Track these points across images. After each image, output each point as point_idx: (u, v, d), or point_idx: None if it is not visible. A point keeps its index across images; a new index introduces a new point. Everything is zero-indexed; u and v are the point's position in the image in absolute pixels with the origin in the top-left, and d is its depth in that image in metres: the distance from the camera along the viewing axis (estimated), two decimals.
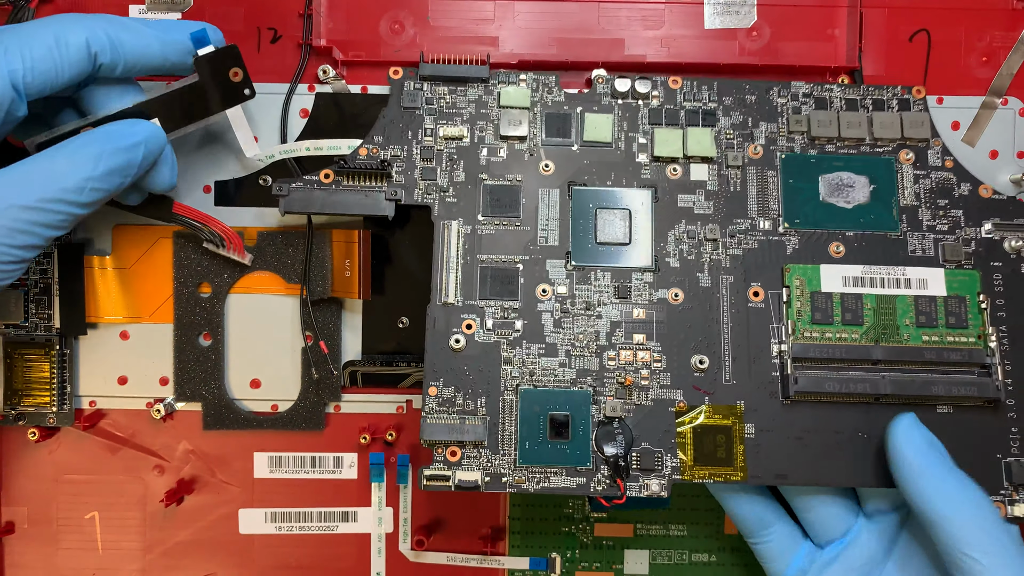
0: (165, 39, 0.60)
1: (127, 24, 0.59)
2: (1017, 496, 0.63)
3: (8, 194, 0.54)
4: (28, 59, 0.54)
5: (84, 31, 0.56)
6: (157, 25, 0.61)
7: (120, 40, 0.58)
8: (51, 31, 0.55)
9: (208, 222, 0.66)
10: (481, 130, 0.67)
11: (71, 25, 0.56)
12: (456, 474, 0.62)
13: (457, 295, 0.65)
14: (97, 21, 0.58)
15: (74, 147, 0.57)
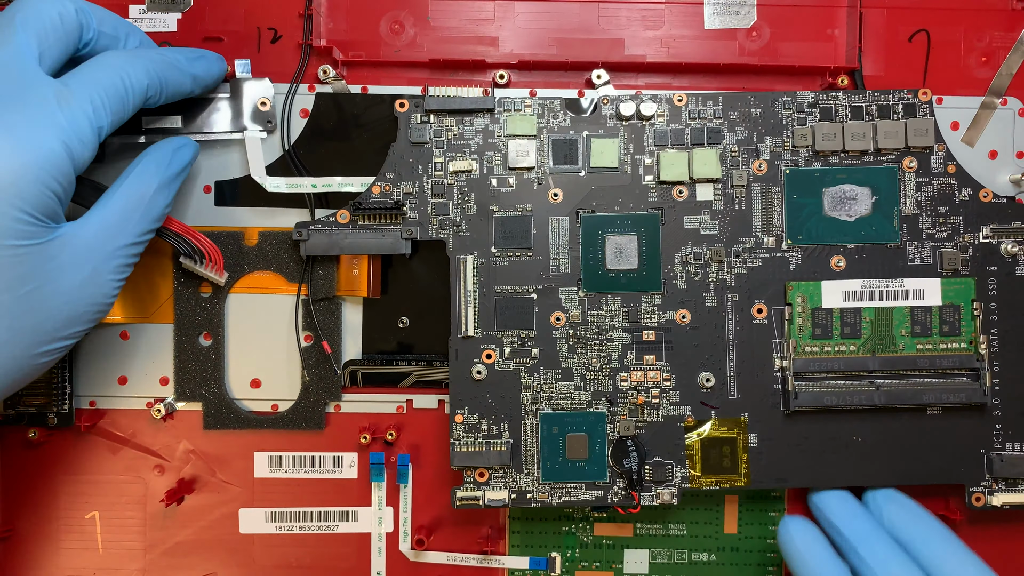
0: (196, 76, 0.64)
1: (170, 61, 0.62)
2: (996, 488, 0.68)
3: (116, 237, 0.58)
4: (107, 111, 0.56)
5: (145, 76, 0.59)
6: (191, 60, 0.64)
7: (166, 79, 0.61)
8: (119, 76, 0.57)
9: (194, 237, 0.66)
10: (489, 161, 0.68)
11: (133, 68, 0.58)
12: (485, 494, 0.67)
13: (476, 328, 0.68)
14: (151, 62, 0.60)
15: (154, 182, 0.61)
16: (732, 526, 0.72)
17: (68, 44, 0.57)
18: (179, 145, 0.63)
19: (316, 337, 0.70)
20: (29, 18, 0.55)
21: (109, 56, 0.58)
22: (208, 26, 0.70)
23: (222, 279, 0.68)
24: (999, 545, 0.72)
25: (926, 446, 0.68)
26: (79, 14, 0.58)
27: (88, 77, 0.56)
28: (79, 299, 0.56)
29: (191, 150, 0.64)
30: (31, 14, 0.55)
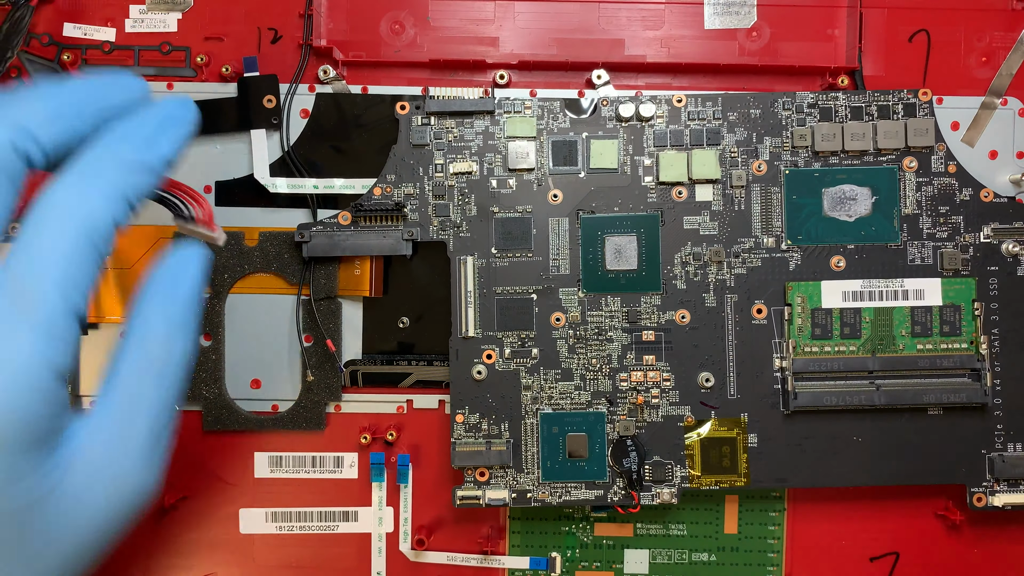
0: (171, 156, 0.49)
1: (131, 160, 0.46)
2: (998, 488, 0.68)
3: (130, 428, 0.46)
4: (79, 284, 0.42)
5: (104, 205, 0.44)
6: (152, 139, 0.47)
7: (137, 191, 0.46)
8: (76, 233, 0.43)
9: (176, 189, 0.62)
10: (490, 162, 0.68)
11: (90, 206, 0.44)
12: (486, 493, 0.68)
13: (476, 328, 0.68)
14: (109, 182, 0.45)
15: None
16: (732, 526, 0.72)
17: (11, 191, 0.44)
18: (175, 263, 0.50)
19: (316, 337, 0.70)
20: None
21: (51, 198, 0.44)
22: (208, 26, 0.70)
23: (217, 235, 0.60)
24: (1000, 546, 0.72)
25: (926, 446, 0.68)
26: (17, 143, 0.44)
27: (40, 252, 0.43)
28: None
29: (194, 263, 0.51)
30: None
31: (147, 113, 0.48)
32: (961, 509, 0.71)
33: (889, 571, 0.72)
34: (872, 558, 0.72)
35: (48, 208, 0.44)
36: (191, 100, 0.51)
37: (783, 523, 0.72)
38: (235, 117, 0.69)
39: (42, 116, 0.45)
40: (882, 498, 0.72)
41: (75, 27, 0.69)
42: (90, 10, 0.70)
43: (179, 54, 0.69)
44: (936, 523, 0.72)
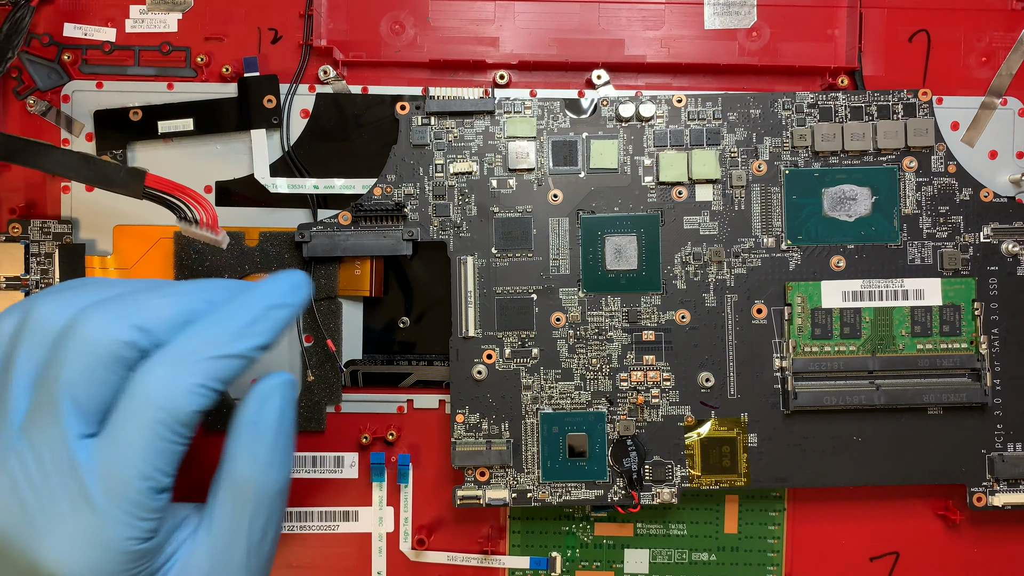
0: (265, 345, 0.52)
1: (225, 353, 0.49)
2: (998, 488, 0.68)
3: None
4: (162, 469, 0.48)
5: (191, 400, 0.48)
6: (250, 326, 0.50)
7: (224, 380, 0.50)
8: (161, 423, 0.47)
9: (180, 192, 0.63)
10: (490, 162, 0.68)
11: (179, 396, 0.48)
12: (486, 493, 0.68)
13: (476, 328, 0.68)
14: (203, 373, 0.48)
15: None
16: (732, 526, 0.72)
17: (117, 383, 0.48)
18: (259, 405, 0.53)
19: (316, 337, 0.70)
20: (76, 387, 0.47)
21: (145, 390, 0.47)
22: (208, 26, 0.70)
23: (220, 238, 0.65)
24: (1000, 546, 0.72)
25: (926, 446, 0.68)
26: (116, 340, 0.48)
27: (129, 443, 0.47)
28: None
29: (276, 401, 0.53)
30: (74, 375, 0.47)
31: (254, 296, 0.52)
32: (961, 509, 0.70)
33: (889, 571, 0.72)
34: (872, 558, 0.72)
35: (136, 400, 0.47)
36: (305, 278, 0.54)
37: (783, 523, 0.72)
38: (235, 117, 0.69)
39: (168, 321, 0.49)
40: (882, 498, 0.72)
41: (75, 27, 0.69)
42: (90, 10, 0.70)
43: (179, 54, 0.69)
44: (936, 523, 0.72)
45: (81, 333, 0.47)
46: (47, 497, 0.46)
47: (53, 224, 0.69)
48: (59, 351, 0.47)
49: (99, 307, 0.48)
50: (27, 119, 0.69)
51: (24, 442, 0.47)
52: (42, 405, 0.47)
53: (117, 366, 0.48)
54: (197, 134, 0.69)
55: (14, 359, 0.49)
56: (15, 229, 0.68)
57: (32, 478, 0.47)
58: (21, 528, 0.46)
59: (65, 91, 0.69)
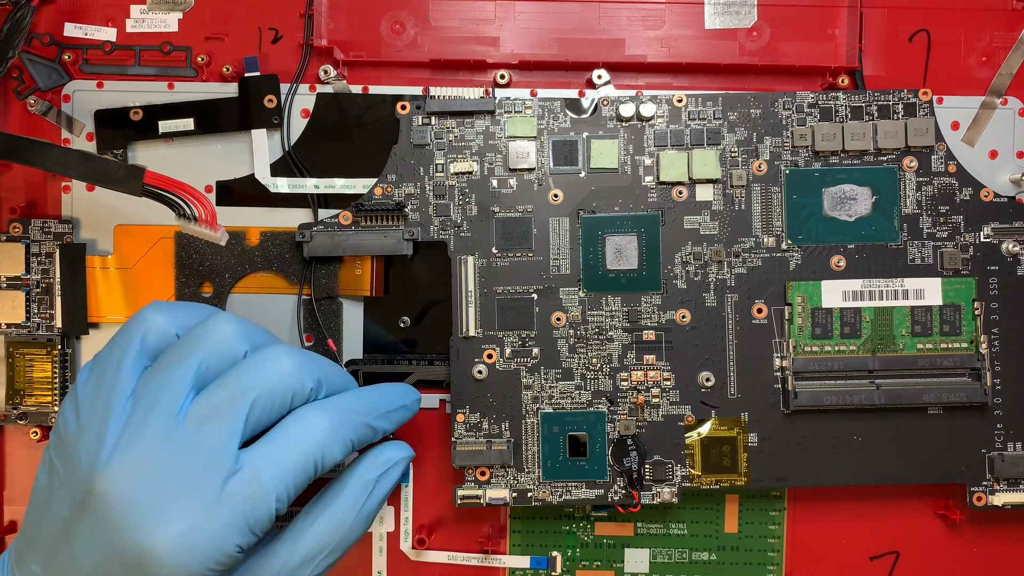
0: (387, 431, 0.60)
1: (371, 422, 0.58)
2: (998, 487, 0.68)
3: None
4: (290, 498, 0.53)
5: (341, 451, 0.55)
6: (388, 414, 0.60)
7: (359, 444, 0.58)
8: (314, 457, 0.54)
9: (179, 189, 0.63)
10: (490, 162, 0.68)
11: (332, 445, 0.55)
12: (486, 492, 0.68)
13: (477, 328, 0.68)
14: (352, 430, 0.56)
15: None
16: (732, 525, 0.72)
17: (277, 415, 0.54)
18: (384, 471, 0.60)
19: (317, 337, 0.70)
20: (259, 399, 0.52)
21: (312, 425, 0.54)
22: (209, 26, 0.70)
23: (219, 235, 0.65)
24: (1000, 545, 0.72)
25: (926, 446, 0.68)
26: (303, 380, 0.55)
27: (283, 464, 0.52)
28: None
29: (398, 473, 0.61)
30: (264, 390, 0.52)
31: (393, 393, 0.61)
32: (961, 508, 0.71)
33: (889, 570, 0.72)
34: (872, 557, 0.72)
35: (301, 432, 0.54)
36: (420, 397, 0.64)
37: (783, 522, 0.72)
38: (236, 117, 0.69)
39: (336, 385, 0.58)
40: (882, 497, 0.72)
41: (76, 27, 0.69)
42: (91, 10, 0.70)
43: (180, 54, 0.70)
44: (936, 522, 0.72)
45: (279, 364, 0.53)
46: (186, 484, 0.50)
47: (54, 224, 0.69)
48: (253, 369, 0.53)
49: (293, 352, 0.55)
50: (28, 119, 0.70)
51: (184, 430, 0.51)
52: (219, 405, 0.51)
53: (290, 401, 0.54)
54: (198, 134, 0.69)
55: (191, 354, 0.53)
56: (16, 229, 0.68)
57: (178, 463, 0.50)
58: (145, 506, 0.49)
59: (66, 91, 0.69)
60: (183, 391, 0.51)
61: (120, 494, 0.49)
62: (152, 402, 0.51)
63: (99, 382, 0.53)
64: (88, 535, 0.49)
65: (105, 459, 0.50)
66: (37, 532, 0.52)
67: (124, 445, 0.50)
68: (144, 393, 0.52)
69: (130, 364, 0.53)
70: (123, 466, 0.49)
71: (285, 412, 0.54)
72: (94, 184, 0.63)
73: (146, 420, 0.50)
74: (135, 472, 0.49)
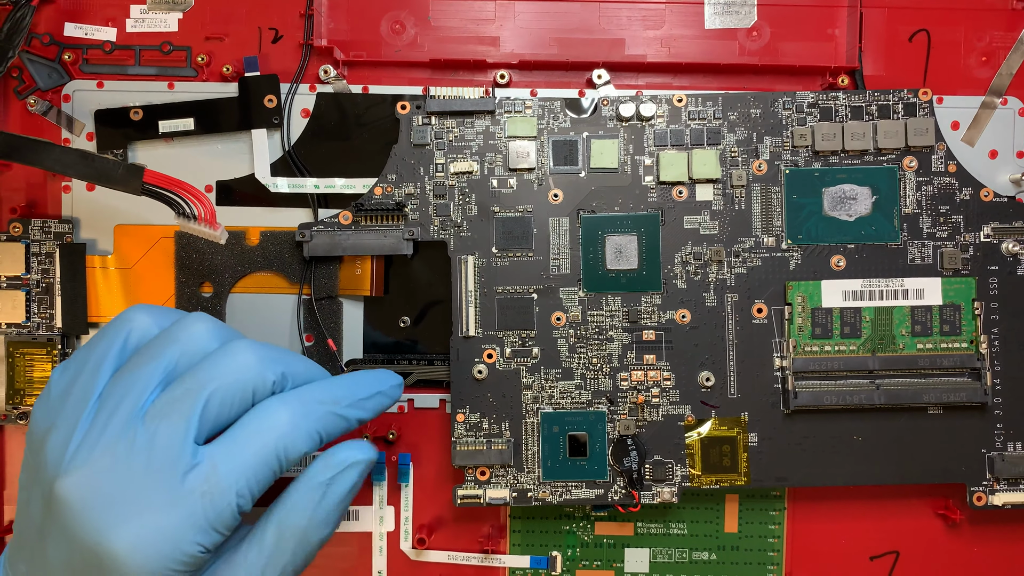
0: (363, 420, 0.58)
1: (340, 411, 0.56)
2: (998, 487, 0.68)
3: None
4: (255, 494, 0.52)
5: (306, 443, 0.53)
6: (362, 401, 0.57)
7: (328, 435, 0.55)
8: (276, 451, 0.52)
9: (178, 188, 0.62)
10: (490, 162, 0.68)
11: (295, 437, 0.53)
12: (486, 492, 0.68)
13: (477, 328, 0.68)
14: (317, 420, 0.54)
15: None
16: (732, 525, 0.72)
17: (239, 411, 0.52)
18: (333, 474, 0.56)
19: (317, 337, 0.70)
20: (215, 393, 0.51)
21: (272, 416, 0.52)
22: (209, 26, 0.70)
23: (219, 234, 0.65)
24: (1000, 545, 0.72)
25: (926, 446, 0.68)
26: (264, 374, 0.53)
27: (242, 457, 0.51)
28: None
29: (351, 477, 0.57)
30: (220, 383, 0.51)
31: (367, 379, 0.58)
32: (961, 508, 0.71)
33: (889, 570, 0.72)
34: (872, 557, 0.72)
35: (261, 425, 0.52)
36: (402, 381, 0.60)
37: (783, 522, 0.72)
38: (236, 117, 0.69)
39: (301, 376, 0.56)
40: (882, 497, 0.72)
41: (76, 27, 0.69)
42: (91, 10, 0.70)
43: (180, 54, 0.70)
44: (936, 522, 0.72)
45: (237, 358, 0.52)
46: (143, 483, 0.49)
47: (54, 224, 0.69)
48: (211, 364, 0.51)
49: (255, 346, 0.53)
50: (28, 119, 0.70)
51: (143, 427, 0.50)
52: (174, 401, 0.50)
53: (251, 396, 0.52)
54: (198, 134, 0.69)
55: (162, 353, 0.52)
56: (16, 229, 0.68)
57: (135, 462, 0.49)
58: (104, 507, 0.48)
59: (66, 91, 0.69)
60: (148, 390, 0.51)
61: (79, 496, 0.48)
62: (117, 402, 0.51)
63: (73, 380, 0.53)
64: (56, 535, 0.49)
65: (68, 460, 0.49)
66: (21, 530, 0.53)
67: (86, 446, 0.50)
68: (111, 393, 0.51)
69: (107, 363, 0.53)
70: (83, 467, 0.49)
71: (248, 407, 0.53)
72: (94, 183, 0.63)
73: (109, 420, 0.50)
74: (94, 473, 0.49)
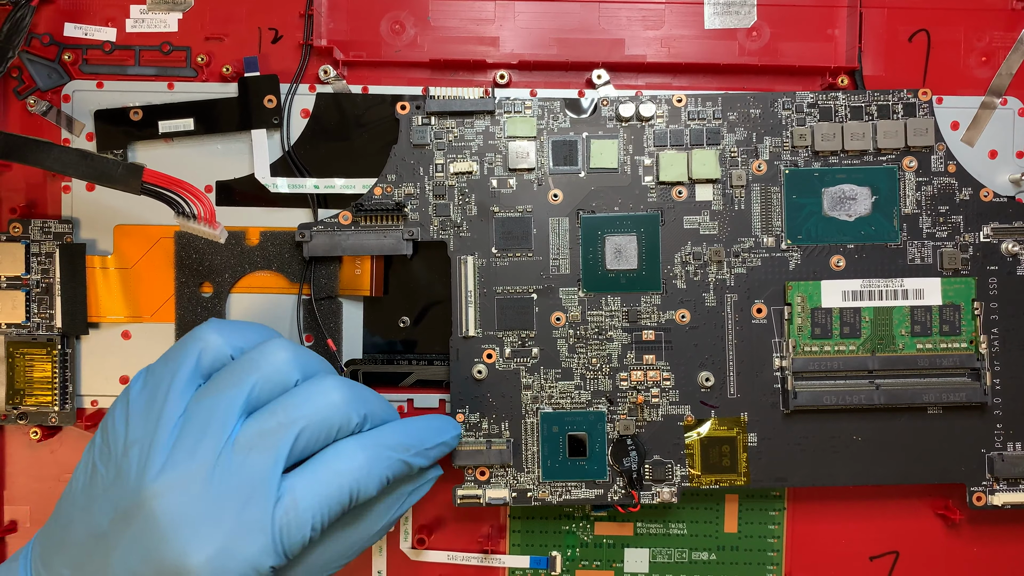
0: (423, 467, 0.61)
1: (408, 458, 0.58)
2: (997, 487, 0.68)
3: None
4: (323, 526, 0.54)
5: (377, 486, 0.56)
6: (427, 451, 0.60)
7: (394, 478, 0.58)
8: (350, 489, 0.54)
9: (178, 187, 0.62)
10: (490, 162, 0.68)
11: (369, 479, 0.55)
12: (486, 492, 0.68)
13: (476, 328, 0.68)
14: (389, 465, 0.57)
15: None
16: (732, 525, 0.72)
17: (321, 446, 0.55)
18: (416, 487, 0.62)
19: (317, 337, 0.70)
20: (306, 430, 0.53)
21: (352, 459, 0.54)
22: (209, 26, 0.70)
23: (218, 233, 0.65)
24: (1000, 545, 0.72)
25: (926, 446, 0.68)
26: (350, 415, 0.55)
27: (320, 492, 0.53)
28: None
29: (428, 487, 0.63)
30: (311, 421, 0.53)
31: (433, 429, 0.61)
32: (961, 508, 0.71)
33: (889, 570, 0.72)
34: (872, 557, 0.72)
35: (341, 465, 0.54)
36: (460, 430, 0.65)
37: (783, 522, 0.72)
38: (236, 117, 0.69)
39: (380, 418, 0.58)
40: (882, 497, 0.72)
41: (76, 27, 0.70)
42: (91, 10, 0.70)
43: (180, 54, 0.70)
44: (936, 522, 0.72)
45: (328, 397, 0.54)
46: (230, 508, 0.51)
47: (54, 224, 0.69)
48: (303, 400, 0.54)
49: (343, 385, 0.55)
50: (28, 119, 0.70)
51: (233, 455, 0.51)
52: (267, 434, 0.52)
53: (335, 434, 0.55)
54: (197, 134, 0.69)
55: (244, 379, 0.54)
56: (16, 229, 0.68)
57: (225, 488, 0.51)
58: (189, 525, 0.50)
59: (66, 91, 0.69)
60: (233, 416, 0.52)
61: (167, 511, 0.50)
62: (204, 424, 0.52)
63: (152, 396, 0.53)
64: (128, 546, 0.50)
65: (154, 475, 0.50)
66: (68, 534, 0.53)
67: (174, 464, 0.51)
68: (196, 414, 0.52)
69: (183, 382, 0.54)
70: (172, 484, 0.50)
71: (329, 442, 0.55)
72: (94, 183, 0.63)
73: (198, 442, 0.51)
74: (183, 491, 0.50)
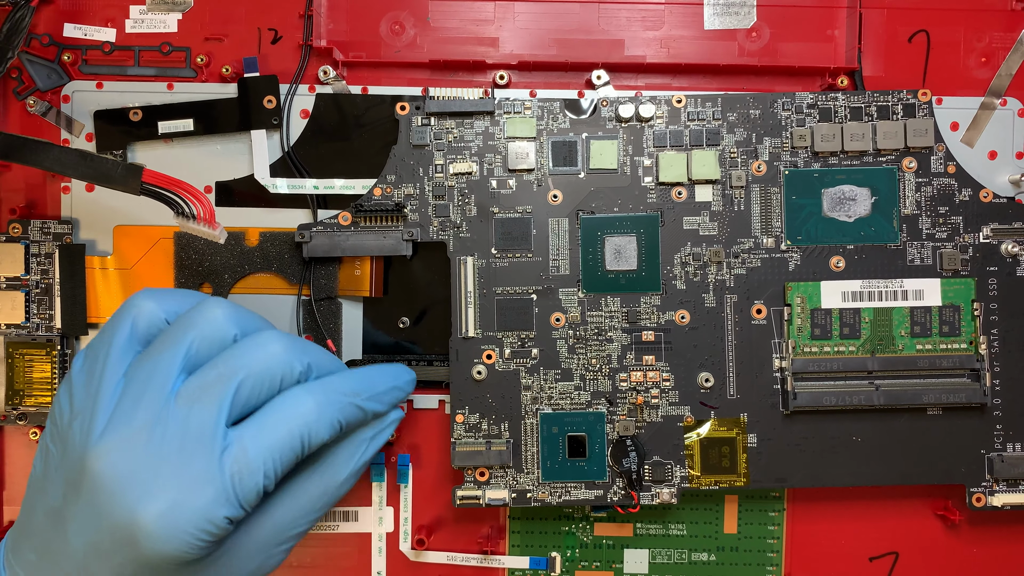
0: (378, 412, 0.60)
1: (360, 402, 0.58)
2: (997, 488, 0.69)
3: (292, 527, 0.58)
4: (278, 474, 0.54)
5: (328, 430, 0.56)
6: (380, 395, 0.60)
7: (347, 424, 0.58)
8: (301, 435, 0.54)
9: (177, 187, 0.62)
10: (490, 163, 0.68)
11: (320, 424, 0.55)
12: (486, 493, 0.68)
13: (476, 328, 0.68)
14: (340, 409, 0.56)
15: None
16: (732, 526, 0.72)
17: (266, 397, 0.55)
18: (376, 431, 0.61)
19: (317, 337, 0.70)
20: (247, 379, 0.53)
21: (299, 404, 0.54)
22: (208, 27, 0.70)
23: (218, 233, 0.65)
24: (999, 546, 0.72)
25: (926, 446, 0.68)
26: (292, 363, 0.55)
27: (268, 438, 0.53)
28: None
29: (390, 432, 0.62)
30: (252, 371, 0.53)
31: (384, 374, 0.61)
32: (960, 509, 0.71)
33: (889, 571, 0.72)
34: (872, 558, 0.72)
35: (288, 411, 0.54)
36: (415, 377, 0.63)
37: (783, 523, 0.72)
38: (235, 117, 0.69)
39: (325, 368, 0.58)
40: (882, 498, 0.72)
41: (75, 27, 0.70)
42: (90, 10, 0.70)
43: (179, 54, 0.70)
44: (935, 523, 0.72)
45: (267, 347, 0.54)
46: (176, 461, 0.51)
47: (53, 224, 0.69)
48: (242, 351, 0.54)
49: (282, 336, 0.55)
50: (27, 119, 0.70)
51: (175, 409, 0.52)
52: (207, 386, 0.52)
53: (279, 383, 0.55)
54: (197, 134, 0.69)
55: (182, 338, 0.54)
56: (15, 229, 0.68)
57: (168, 441, 0.51)
58: (136, 481, 0.50)
59: (65, 91, 0.69)
60: (173, 372, 0.52)
61: (112, 470, 0.50)
62: (143, 383, 0.52)
63: (91, 368, 0.54)
64: (81, 514, 0.50)
65: (97, 437, 0.51)
66: (31, 519, 0.53)
67: (116, 424, 0.51)
68: (135, 375, 0.53)
69: (120, 349, 0.54)
70: (115, 443, 0.50)
71: (274, 394, 0.55)
72: (93, 183, 0.63)
73: (138, 400, 0.52)
74: (127, 449, 0.50)
